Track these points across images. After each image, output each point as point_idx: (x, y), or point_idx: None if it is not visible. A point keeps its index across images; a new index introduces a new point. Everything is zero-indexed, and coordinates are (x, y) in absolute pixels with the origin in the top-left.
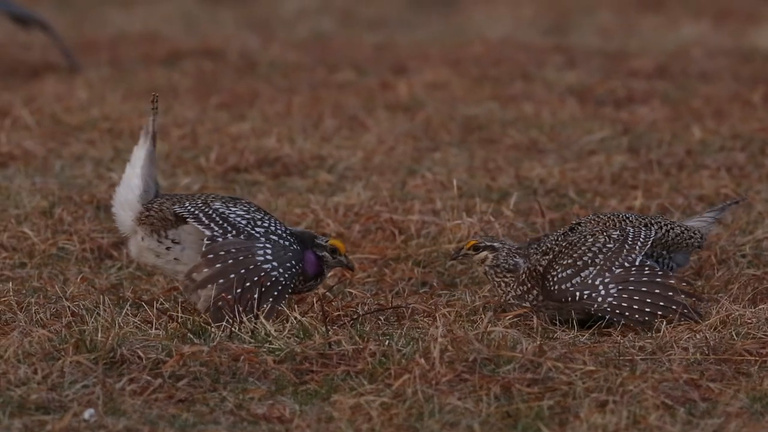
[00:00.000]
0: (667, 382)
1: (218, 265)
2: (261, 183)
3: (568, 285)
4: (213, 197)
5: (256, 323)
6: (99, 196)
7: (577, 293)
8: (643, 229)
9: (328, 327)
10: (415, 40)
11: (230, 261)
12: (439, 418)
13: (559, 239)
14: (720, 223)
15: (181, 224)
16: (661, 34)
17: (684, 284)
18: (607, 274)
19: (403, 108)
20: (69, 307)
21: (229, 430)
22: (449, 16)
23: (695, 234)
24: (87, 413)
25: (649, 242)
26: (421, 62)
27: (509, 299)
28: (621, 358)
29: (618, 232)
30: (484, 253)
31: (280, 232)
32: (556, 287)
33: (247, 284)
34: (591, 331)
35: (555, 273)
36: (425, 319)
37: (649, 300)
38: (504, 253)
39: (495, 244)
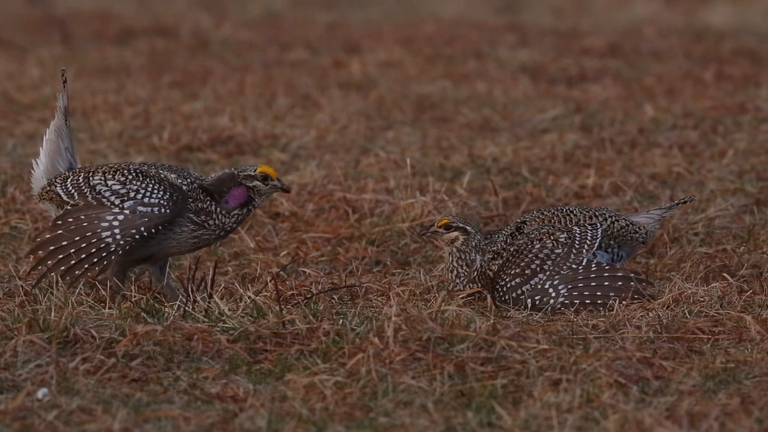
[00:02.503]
0: (620, 361)
1: (59, 232)
2: (214, 162)
3: (519, 293)
4: (105, 169)
5: (209, 302)
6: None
7: (529, 300)
8: (589, 229)
9: (282, 306)
10: (368, 19)
11: (72, 227)
12: (393, 397)
13: (507, 242)
14: (665, 221)
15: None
16: (613, 12)
17: (632, 274)
18: (556, 278)
19: (356, 87)
20: (22, 286)
21: (182, 409)
22: None
23: (640, 230)
24: (40, 393)
25: (596, 243)
26: (373, 41)
27: (456, 288)
28: (574, 336)
29: (565, 235)
30: (455, 233)
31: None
32: (507, 296)
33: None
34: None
35: (504, 282)
36: (379, 299)
37: (599, 292)
38: (473, 242)
39: (468, 227)
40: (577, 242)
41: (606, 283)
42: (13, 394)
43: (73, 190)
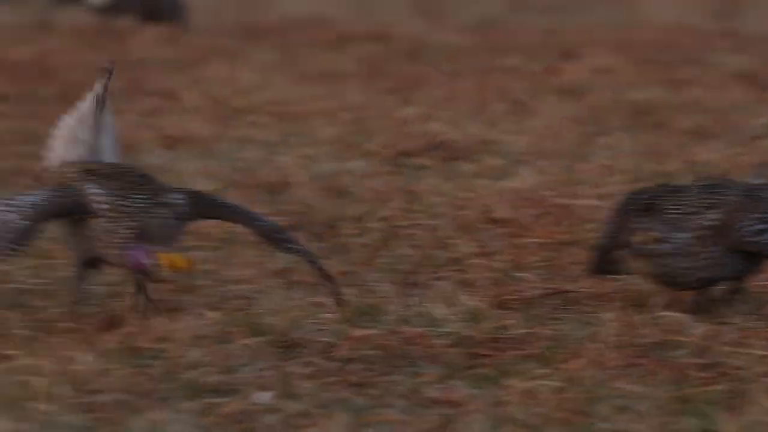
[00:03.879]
0: None
1: None
2: (428, 167)
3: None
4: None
5: (428, 307)
6: (267, 179)
7: None
8: None
9: (500, 311)
10: (584, 25)
11: None
12: (610, 402)
13: None
14: None
15: None
16: None
17: None
18: None
19: (569, 92)
20: (240, 290)
21: (402, 413)
22: (618, 1)
23: None
24: (261, 396)
25: None
26: (589, 47)
27: None
28: None
29: None
30: None
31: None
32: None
33: None
34: (762, 314)
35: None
36: (596, 304)
37: None
38: None
39: None
40: None
41: None
42: (233, 397)
43: None
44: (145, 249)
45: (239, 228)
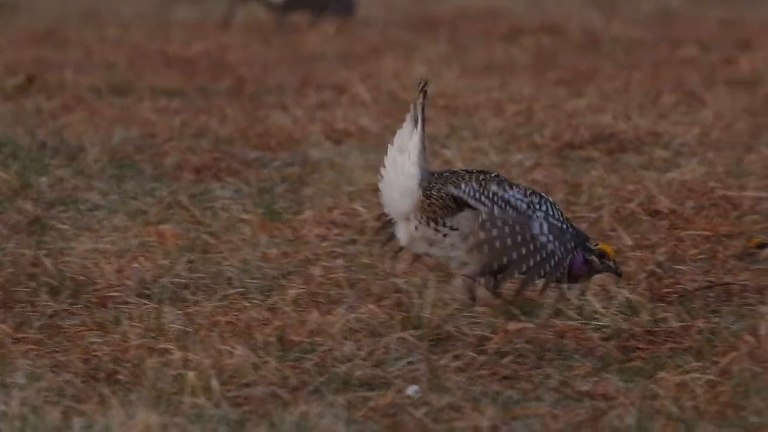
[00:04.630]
0: None
1: (494, 232)
2: (595, 159)
3: None
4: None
5: (583, 300)
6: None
7: None
8: None
9: (656, 304)
10: (762, 16)
11: (506, 229)
12: (765, 396)
13: None
14: None
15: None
16: None
17: None
18: None
19: (744, 83)
20: (397, 283)
21: (552, 407)
22: None
23: None
24: (411, 390)
25: None
26: (766, 37)
27: None
28: None
29: None
30: None
31: (558, 216)
32: None
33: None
34: None
35: None
36: (756, 297)
37: None
38: None
39: None
40: None
41: None
42: (384, 391)
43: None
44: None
45: None
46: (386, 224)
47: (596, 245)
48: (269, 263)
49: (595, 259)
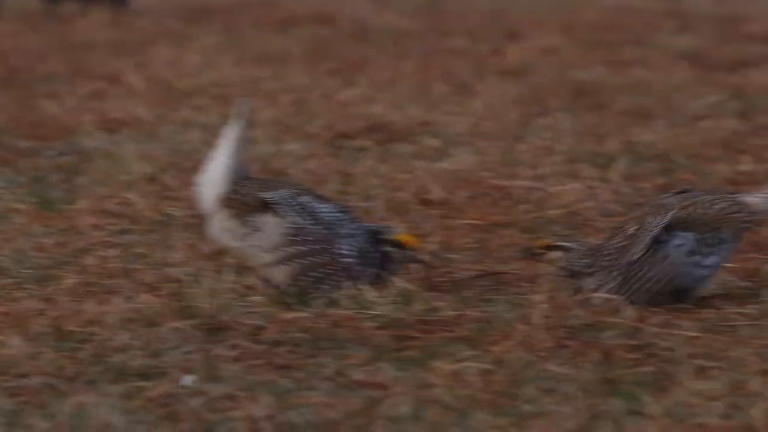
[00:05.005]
0: None
1: (300, 247)
2: (367, 149)
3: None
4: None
5: (357, 289)
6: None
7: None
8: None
9: (430, 293)
10: (528, 6)
11: (309, 246)
12: (538, 384)
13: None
14: None
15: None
16: None
17: None
18: (614, 271)
19: (513, 74)
20: (172, 273)
21: (326, 396)
22: None
23: (742, 209)
24: (186, 379)
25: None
26: (534, 28)
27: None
28: (723, 324)
29: (635, 227)
30: (557, 253)
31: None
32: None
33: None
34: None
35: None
36: (527, 286)
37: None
38: (576, 254)
39: (567, 244)
40: (641, 234)
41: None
42: (160, 381)
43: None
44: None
45: (173, 211)
46: None
47: (395, 236)
48: (44, 253)
49: (394, 250)
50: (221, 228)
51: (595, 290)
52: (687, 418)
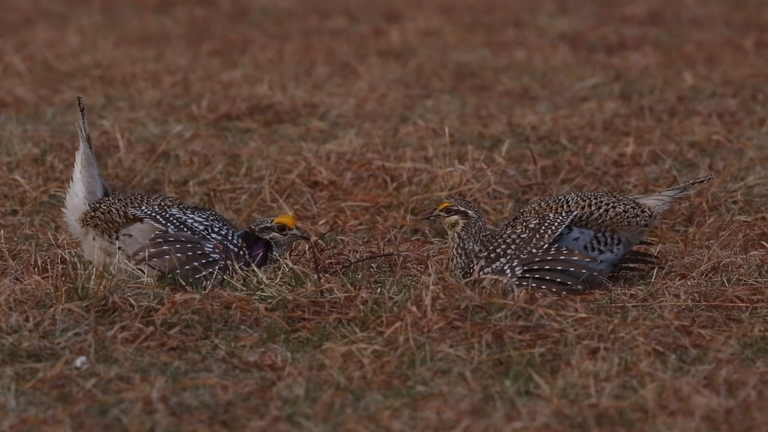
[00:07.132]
0: (658, 329)
1: (165, 247)
2: (253, 131)
3: (482, 273)
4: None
5: (248, 272)
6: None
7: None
8: (560, 216)
9: (320, 275)
10: None
11: (178, 246)
12: (430, 365)
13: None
14: (680, 201)
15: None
16: None
17: (587, 260)
18: (515, 261)
19: (395, 55)
20: (61, 254)
21: (220, 377)
22: None
23: (641, 213)
24: (79, 361)
25: (560, 230)
26: (413, 9)
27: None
28: (612, 305)
29: (537, 221)
30: (455, 218)
31: (236, 242)
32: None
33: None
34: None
35: (474, 264)
36: (417, 267)
37: (553, 276)
38: (473, 229)
39: (470, 212)
40: (543, 228)
41: (559, 268)
42: (52, 362)
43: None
44: None
45: (59, 192)
46: None
47: (272, 222)
48: None
49: (276, 235)
50: (94, 246)
51: (492, 275)
52: (579, 399)
